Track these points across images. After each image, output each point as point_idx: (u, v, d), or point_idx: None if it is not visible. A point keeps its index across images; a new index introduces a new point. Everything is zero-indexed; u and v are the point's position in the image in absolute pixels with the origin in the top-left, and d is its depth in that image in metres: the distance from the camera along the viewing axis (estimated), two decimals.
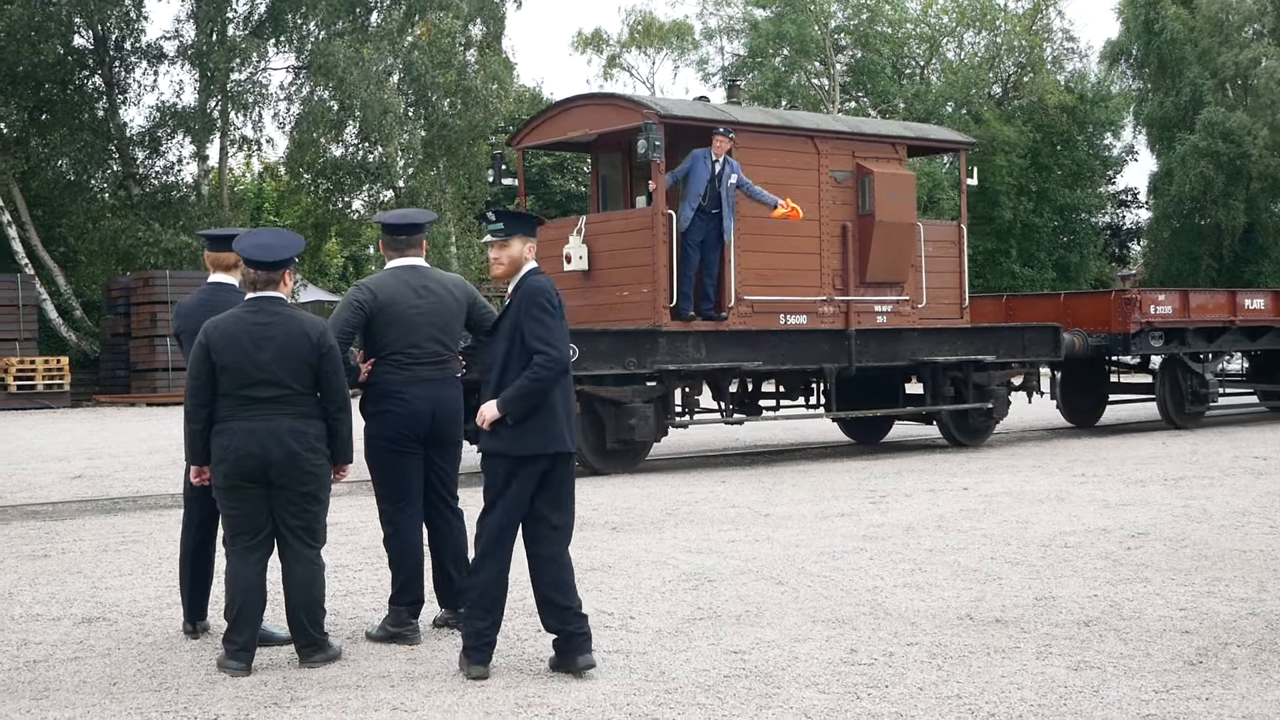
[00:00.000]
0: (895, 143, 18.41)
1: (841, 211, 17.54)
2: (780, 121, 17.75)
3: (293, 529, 6.79)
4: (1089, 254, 54.49)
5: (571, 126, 17.45)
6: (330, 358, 6.77)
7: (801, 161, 17.27)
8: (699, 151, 15.99)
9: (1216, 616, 7.65)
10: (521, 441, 6.50)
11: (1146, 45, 53.05)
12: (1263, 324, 22.59)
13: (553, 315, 6.54)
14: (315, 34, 40.92)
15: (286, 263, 6.84)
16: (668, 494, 13.88)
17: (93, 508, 13.67)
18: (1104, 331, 20.81)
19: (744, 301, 16.59)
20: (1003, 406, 18.86)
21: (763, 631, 7.42)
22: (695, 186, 15.90)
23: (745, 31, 52.44)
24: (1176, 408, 21.57)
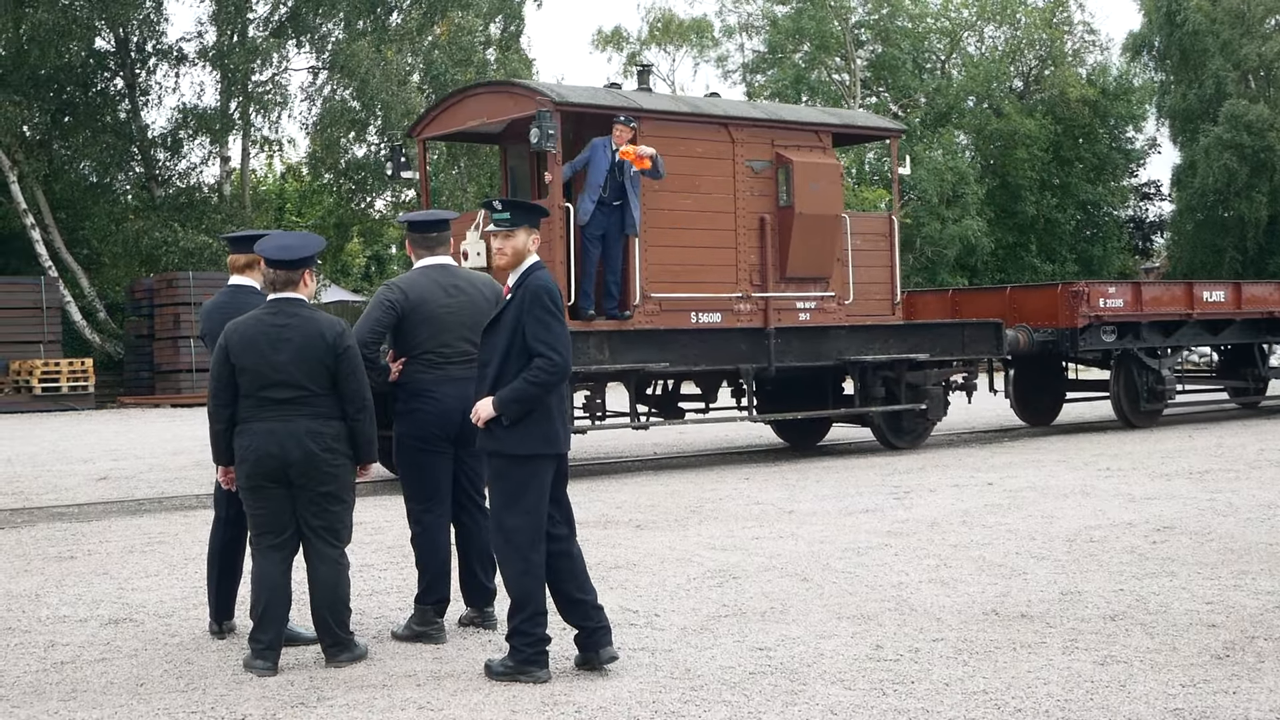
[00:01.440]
0: (819, 130, 17.48)
1: (759, 203, 16.69)
2: (690, 108, 16.73)
3: (315, 529, 6.81)
4: (1112, 248, 54.28)
5: (470, 116, 16.68)
6: (347, 358, 6.78)
7: (715, 151, 16.38)
8: (598, 140, 15.30)
9: (1243, 610, 7.62)
10: (517, 442, 6.51)
11: (1168, 37, 52.80)
12: (1223, 317, 21.67)
13: (557, 318, 6.52)
14: (336, 34, 40.99)
15: (306, 262, 6.86)
16: (691, 491, 13.87)
17: (118, 509, 13.72)
18: (1051, 326, 19.91)
19: (651, 299, 15.81)
20: (939, 407, 17.97)
21: (788, 628, 7.41)
22: (595, 177, 15.18)
23: (764, 28, 52.37)
24: (1131, 406, 20.70)
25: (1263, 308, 22.09)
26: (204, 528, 8.10)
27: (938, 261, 46.92)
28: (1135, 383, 20.52)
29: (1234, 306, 21.70)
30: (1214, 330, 21.77)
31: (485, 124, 16.50)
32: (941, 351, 18.04)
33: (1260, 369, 22.84)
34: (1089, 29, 55.46)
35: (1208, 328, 21.64)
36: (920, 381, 17.66)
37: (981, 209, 48.74)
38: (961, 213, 47.44)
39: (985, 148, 51.56)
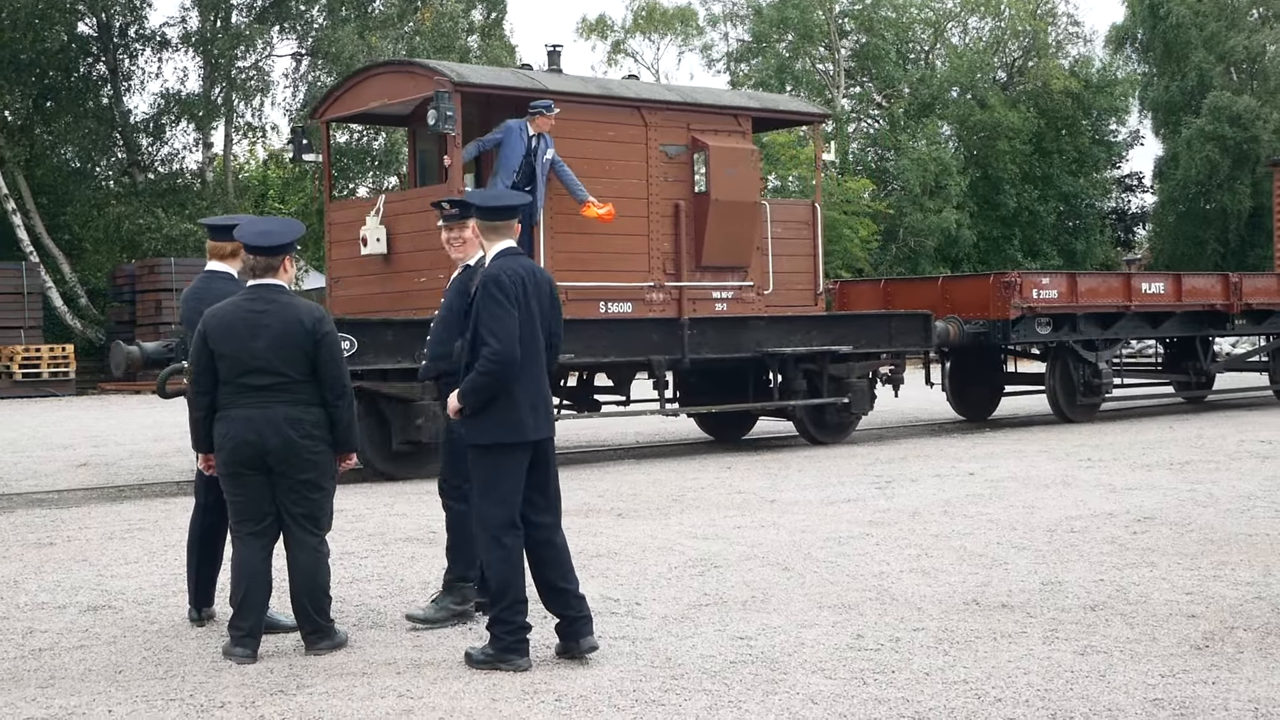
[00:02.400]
0: (738, 114, 16.78)
1: (673, 189, 16.05)
2: (600, 90, 16.11)
3: (294, 516, 6.79)
4: (1094, 240, 54.39)
5: (373, 97, 16.01)
6: (325, 344, 6.74)
7: (627, 134, 15.74)
8: (513, 123, 14.63)
9: (1223, 600, 7.64)
10: (481, 431, 6.54)
11: (1152, 29, 52.93)
12: (1163, 309, 21.13)
13: (502, 305, 6.48)
14: (319, 20, 40.85)
15: (286, 249, 6.83)
16: (673, 480, 13.87)
17: (98, 495, 13.68)
18: (983, 318, 19.25)
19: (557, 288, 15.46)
20: (863, 400, 17.35)
21: (769, 617, 7.41)
22: (509, 161, 14.52)
23: (749, 17, 52.33)
24: (1068, 399, 20.13)
25: (1204, 300, 21.60)
26: (184, 515, 8.07)
27: (919, 252, 46.96)
28: (1071, 376, 20.05)
29: (1174, 299, 21.19)
30: (1154, 323, 21.31)
31: (386, 105, 15.93)
32: (867, 344, 17.53)
33: (1202, 363, 22.31)
34: (1072, 21, 55.49)
35: (1148, 320, 21.17)
36: (844, 374, 17.12)
37: (964, 201, 48.79)
38: (943, 203, 47.46)
39: (968, 139, 51.60)
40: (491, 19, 44.48)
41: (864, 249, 42.31)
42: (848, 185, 43.27)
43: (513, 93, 15.14)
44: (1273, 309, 22.60)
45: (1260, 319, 22.65)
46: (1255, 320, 22.64)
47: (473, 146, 14.79)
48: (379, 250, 15.32)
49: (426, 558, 9.45)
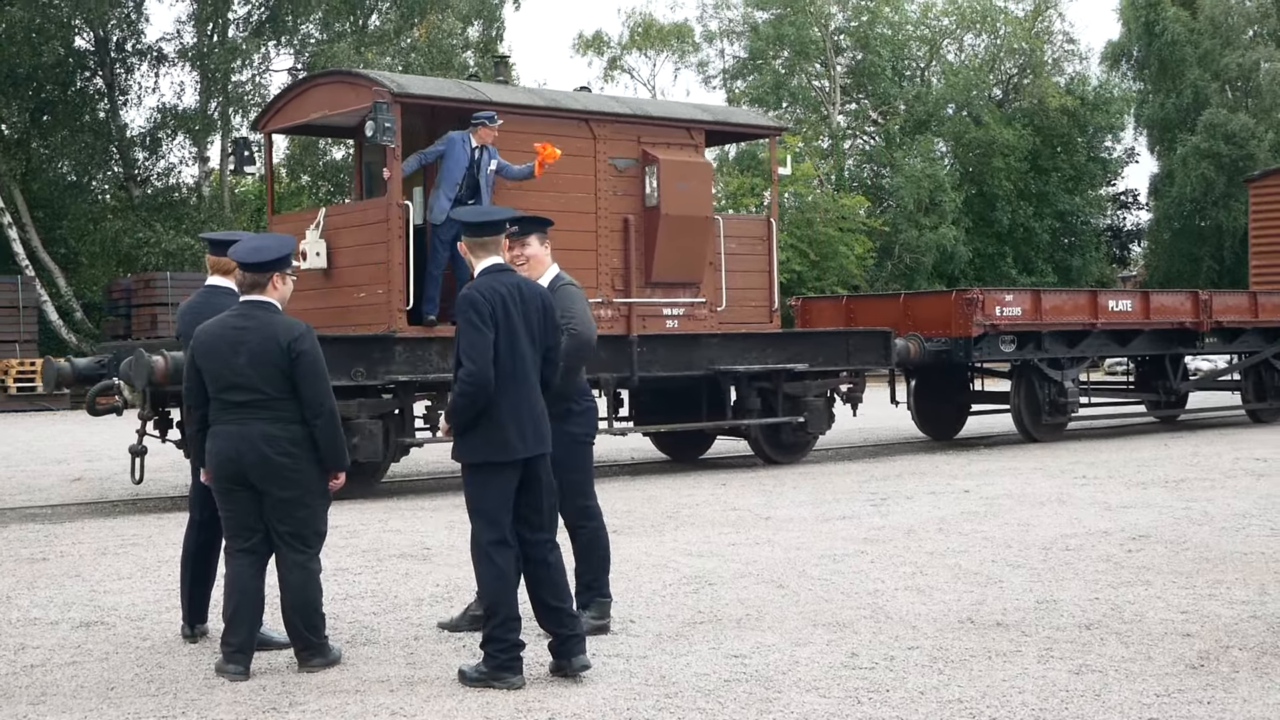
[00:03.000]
0: (690, 127, 16.43)
1: (623, 203, 15.71)
2: (547, 102, 15.70)
3: (281, 534, 6.77)
4: (1090, 257, 54.44)
5: (315, 107, 15.56)
6: (303, 362, 6.71)
7: (575, 147, 15.34)
8: (456, 134, 14.31)
9: (1218, 619, 7.63)
10: (468, 450, 6.58)
11: (1147, 47, 53.03)
12: (1131, 327, 20.69)
13: (475, 326, 6.47)
14: (315, 35, 40.91)
15: (274, 265, 6.82)
16: (668, 497, 13.85)
17: (92, 510, 13.66)
18: (944, 335, 18.76)
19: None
20: (820, 419, 16.95)
21: (763, 635, 7.39)
22: (452, 174, 14.23)
23: (745, 34, 52.40)
24: (1033, 419, 19.69)
25: (1173, 318, 21.15)
26: (178, 530, 8.05)
27: (915, 269, 47.00)
28: (1036, 395, 19.60)
29: (1142, 316, 20.75)
30: (1122, 341, 20.92)
31: (328, 116, 15.44)
32: (824, 361, 17.13)
33: (1172, 381, 21.78)
34: (1068, 38, 55.50)
35: (1115, 338, 20.78)
36: (799, 393, 16.75)
37: (959, 217, 48.83)
38: (939, 220, 47.50)
39: (964, 156, 51.67)
40: (488, 36, 44.53)
41: (860, 266, 42.34)
42: (843, 202, 43.30)
43: (455, 104, 14.78)
44: (1244, 327, 22.24)
45: (1231, 337, 22.32)
46: (1226, 338, 22.31)
47: (414, 159, 14.52)
48: (319, 264, 14.99)
49: (420, 574, 9.43)
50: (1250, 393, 23.12)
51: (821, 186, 46.48)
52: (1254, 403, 23.03)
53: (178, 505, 13.24)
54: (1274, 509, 12.11)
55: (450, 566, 9.57)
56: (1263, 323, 22.45)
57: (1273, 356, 22.76)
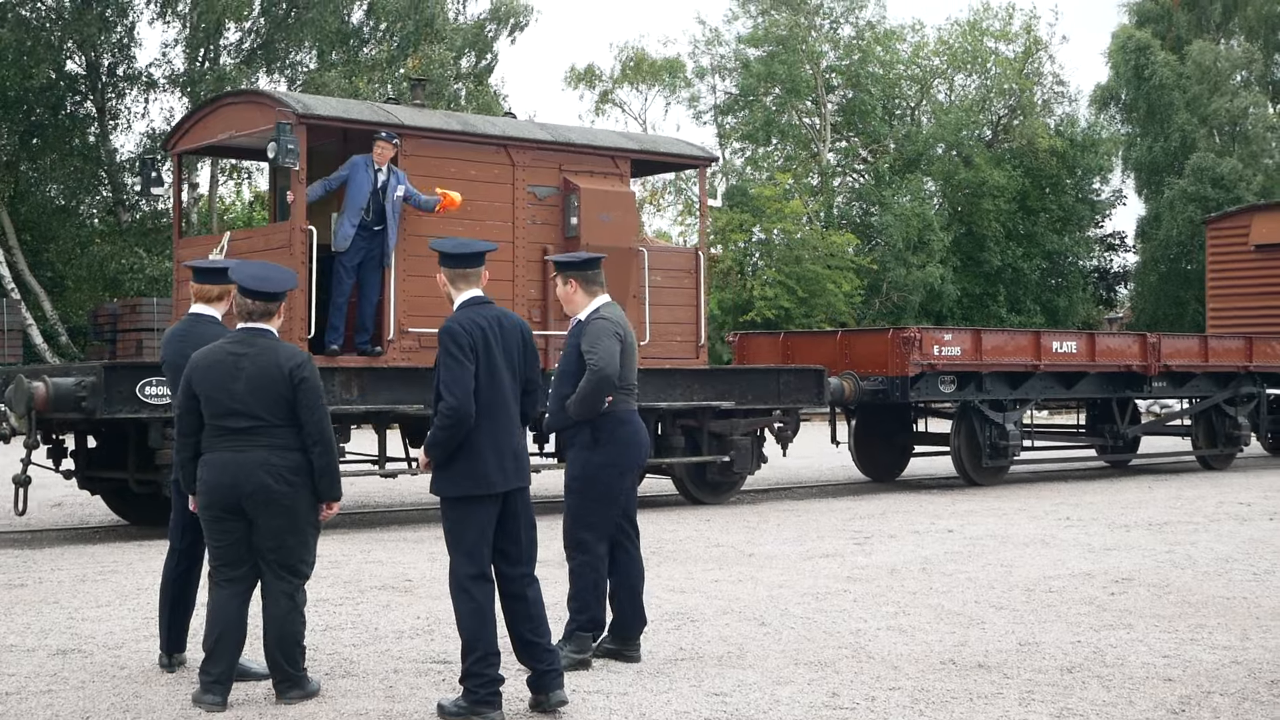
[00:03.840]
0: (615, 155, 16.02)
1: (543, 233, 15.28)
2: (463, 126, 15.27)
3: (270, 563, 6.73)
4: (1077, 298, 54.59)
5: (222, 128, 15.12)
6: (305, 390, 6.69)
7: (492, 174, 15.00)
8: (359, 158, 13.97)
9: (1200, 664, 7.62)
10: (447, 484, 6.55)
11: (1136, 90, 53.31)
12: (1075, 369, 20.28)
13: (455, 359, 6.47)
14: (307, 64, 41.00)
15: (282, 296, 6.84)
16: (651, 531, 13.80)
17: (72, 536, 13.59)
18: (881, 374, 18.38)
19: (408, 334, 14.28)
20: (746, 459, 16.50)
21: (744, 673, 7.36)
22: (356, 199, 13.85)
23: (737, 70, 52.56)
24: (973, 461, 19.20)
25: (1119, 361, 20.86)
26: (158, 557, 8.01)
27: (903, 307, 47.09)
28: (977, 437, 19.13)
29: (1087, 358, 20.40)
30: (1068, 383, 20.47)
31: (235, 137, 15.00)
32: (754, 399, 16.67)
33: (1119, 425, 21.45)
34: (1058, 80, 55.76)
35: (1060, 380, 20.34)
36: (726, 431, 16.33)
37: (947, 256, 48.95)
38: (927, 259, 47.61)
39: (953, 195, 51.83)
40: (480, 67, 44.66)
41: (848, 303, 42.41)
42: (832, 239, 43.39)
43: (362, 126, 14.38)
44: (1193, 371, 21.91)
45: (1181, 381, 21.96)
46: (1176, 383, 21.91)
47: (318, 186, 14.10)
48: None
49: (401, 605, 9.38)
50: (1200, 438, 22.76)
51: (810, 224, 46.58)
52: (1204, 448, 22.73)
53: (157, 533, 13.16)
54: (1257, 553, 12.11)
55: (432, 599, 9.53)
56: (1213, 367, 22.17)
57: (1224, 401, 22.50)
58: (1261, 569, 11.18)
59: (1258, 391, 23.02)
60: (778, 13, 50.85)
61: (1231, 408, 22.58)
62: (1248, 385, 22.77)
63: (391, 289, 14.21)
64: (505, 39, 44.91)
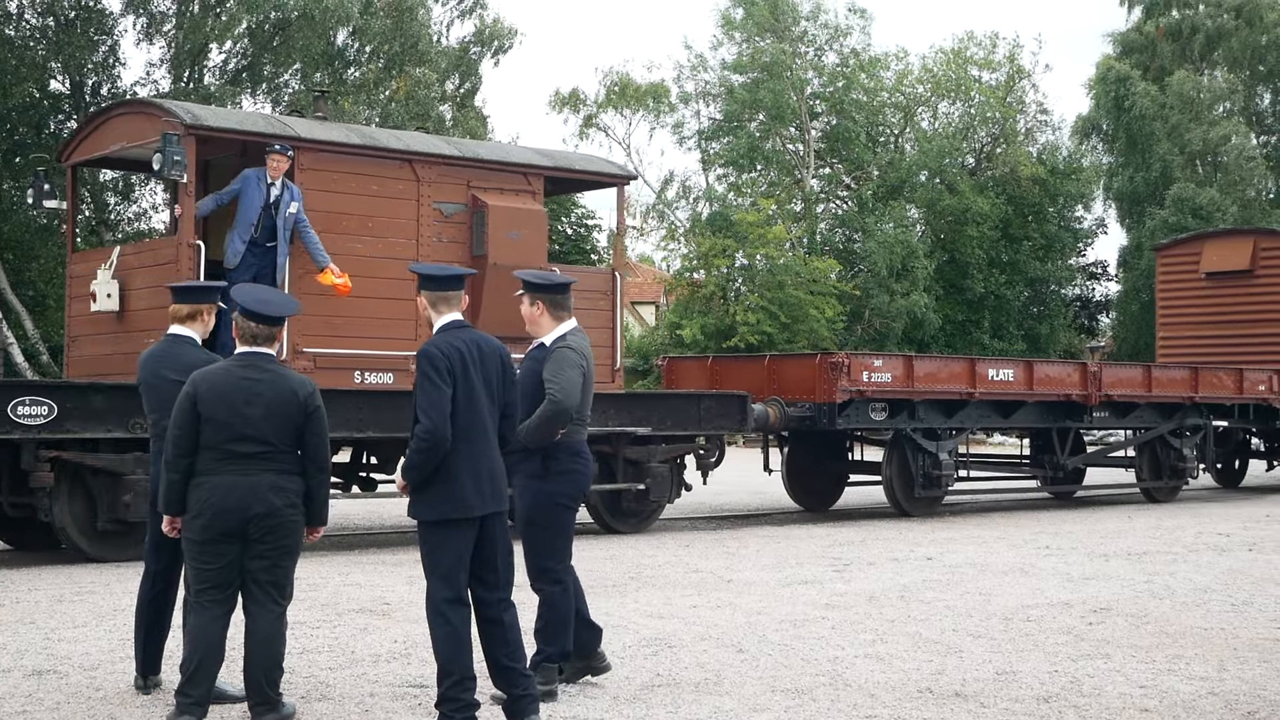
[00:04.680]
0: (527, 172, 15.50)
1: (450, 251, 14.74)
2: (364, 140, 14.75)
3: (262, 584, 6.68)
4: (1059, 325, 54.75)
5: (115, 139, 14.60)
6: (316, 418, 6.72)
7: (395, 190, 14.54)
8: (251, 172, 13.46)
9: (1176, 695, 7.63)
10: (424, 507, 6.55)
11: (1116, 120, 53.56)
12: (1012, 398, 19.76)
13: (432, 381, 6.46)
14: (292, 85, 41.00)
15: (283, 320, 6.85)
16: (630, 556, 13.80)
17: (49, 557, 13.51)
18: (808, 400, 17.84)
19: (303, 354, 13.83)
20: (664, 487, 15.97)
21: (721, 700, 7.35)
22: (246, 214, 13.37)
23: (721, 96, 52.68)
24: (905, 492, 18.67)
25: (1059, 390, 20.30)
26: (135, 579, 7.98)
27: (885, 334, 47.17)
28: (910, 466, 18.60)
29: (1025, 387, 19.82)
30: (1005, 412, 19.96)
31: (127, 148, 14.46)
32: (673, 425, 16.18)
33: (1059, 456, 20.82)
34: (1041, 109, 55.99)
35: (998, 409, 19.83)
36: (643, 458, 15.82)
37: (930, 284, 49.07)
38: (910, 286, 47.73)
39: (936, 223, 51.99)
40: (465, 89, 44.71)
41: (830, 329, 42.48)
42: (815, 265, 43.48)
43: (255, 138, 13.84)
44: (1136, 401, 21.37)
45: (1124, 412, 21.43)
46: (1119, 413, 21.39)
47: (209, 200, 13.73)
48: (110, 307, 14.06)
49: (379, 629, 9.36)
50: (1145, 470, 22.22)
51: (794, 249, 46.66)
52: (1149, 481, 22.20)
53: (135, 554, 13.10)
54: (1235, 584, 12.14)
55: (410, 622, 9.51)
56: (1157, 397, 21.58)
57: (1169, 433, 22.00)
58: (1239, 600, 11.21)
59: (1203, 423, 22.49)
60: (763, 39, 51.02)
61: (1177, 439, 22.09)
62: (1193, 416, 22.27)
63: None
64: (489, 61, 44.95)
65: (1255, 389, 23.18)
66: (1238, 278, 25.70)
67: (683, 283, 47.27)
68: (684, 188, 54.25)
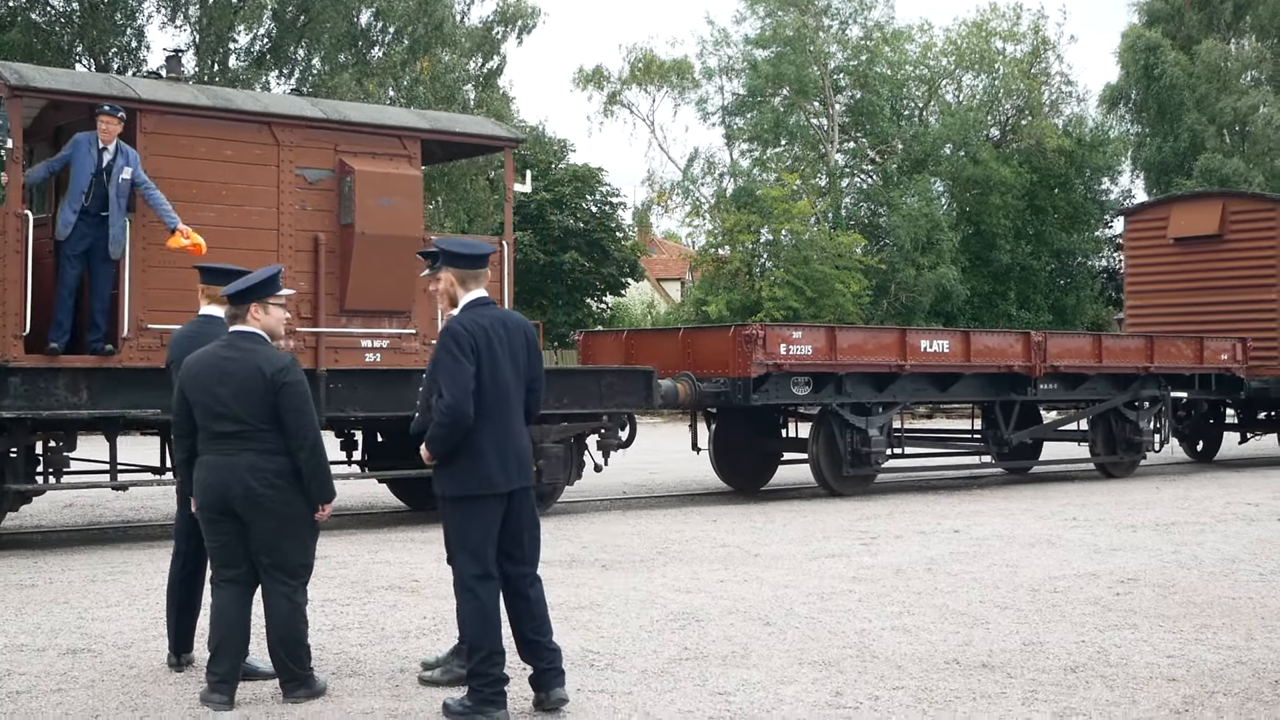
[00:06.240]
0: (402, 136, 14.48)
1: (315, 220, 13.78)
2: (216, 102, 13.65)
3: (265, 566, 6.77)
4: (1085, 297, 54.57)
5: None
6: (286, 394, 6.72)
7: (253, 155, 13.52)
8: (82, 136, 12.41)
9: (1204, 664, 7.64)
10: (450, 483, 6.58)
11: (1145, 90, 53.24)
12: (948, 370, 18.82)
13: (453, 356, 6.48)
14: (317, 66, 41.09)
15: (249, 294, 6.84)
16: (658, 532, 13.85)
17: (82, 537, 13.64)
18: (722, 375, 16.96)
19: (148, 331, 12.73)
20: (558, 468, 15.08)
21: (749, 673, 7.40)
22: (77, 181, 12.35)
23: (745, 71, 52.58)
24: (833, 470, 17.73)
25: (999, 361, 19.28)
26: (167, 559, 8.06)
27: (913, 308, 47.09)
28: (837, 444, 17.68)
29: (961, 359, 18.84)
30: (942, 385, 19.01)
31: None
32: (570, 404, 15.23)
33: (1003, 431, 19.71)
34: (1066, 80, 55.81)
35: (934, 382, 18.88)
36: (536, 438, 14.44)
37: (956, 256, 48.93)
38: (936, 259, 47.61)
39: (961, 195, 51.82)
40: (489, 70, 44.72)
41: (856, 303, 42.42)
42: (840, 240, 43.40)
43: (84, 99, 12.80)
44: (1085, 373, 20.41)
45: (1073, 384, 20.42)
46: (1068, 385, 20.35)
47: (41, 168, 12.76)
48: None
49: (408, 605, 9.43)
50: (1099, 445, 21.17)
51: (818, 224, 46.58)
52: (1103, 456, 21.17)
53: (167, 533, 13.21)
54: (1263, 554, 12.12)
55: (438, 599, 9.57)
56: (1108, 368, 20.65)
57: (1124, 405, 21.01)
58: (1268, 569, 11.20)
59: (1161, 394, 21.40)
60: (785, 14, 50.86)
61: (1133, 412, 21.10)
62: (1150, 388, 21.27)
63: (126, 281, 12.68)
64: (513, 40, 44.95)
65: (1217, 358, 22.16)
66: (1207, 243, 24.36)
67: (708, 259, 47.24)
68: (708, 163, 54.23)
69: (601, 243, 47.12)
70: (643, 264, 52.54)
